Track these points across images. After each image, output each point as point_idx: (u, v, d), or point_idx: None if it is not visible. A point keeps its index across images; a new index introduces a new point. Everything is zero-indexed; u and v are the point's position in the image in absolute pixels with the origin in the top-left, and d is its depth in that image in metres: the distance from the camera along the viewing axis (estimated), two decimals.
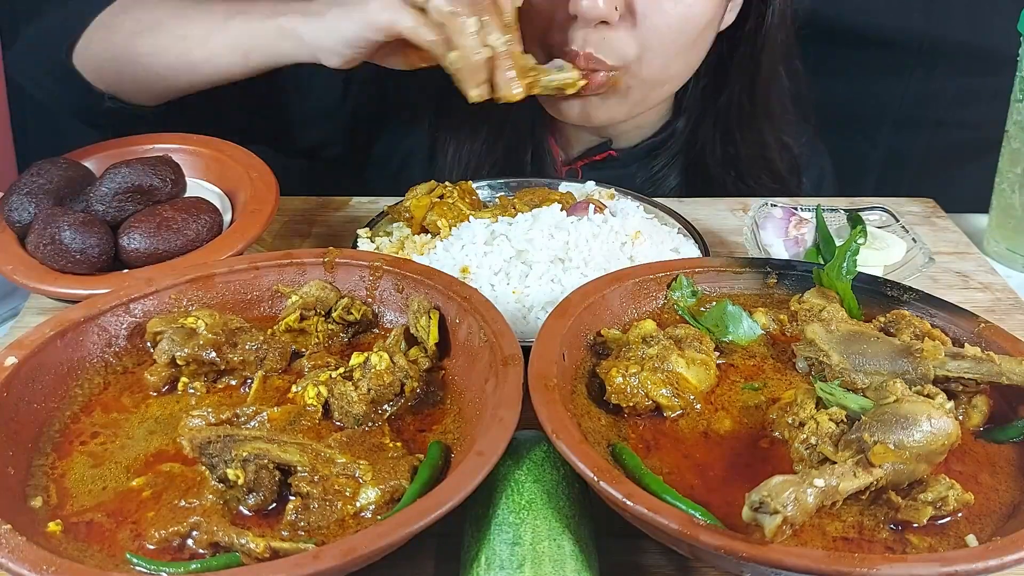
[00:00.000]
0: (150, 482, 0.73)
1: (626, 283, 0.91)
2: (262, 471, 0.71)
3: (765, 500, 0.63)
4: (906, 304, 0.90)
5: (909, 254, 1.11)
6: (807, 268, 0.94)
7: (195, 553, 0.67)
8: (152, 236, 1.03)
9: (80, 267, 1.01)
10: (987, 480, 0.74)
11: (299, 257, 0.94)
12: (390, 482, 0.71)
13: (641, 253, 1.05)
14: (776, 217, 1.14)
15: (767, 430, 0.78)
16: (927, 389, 0.76)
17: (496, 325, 0.82)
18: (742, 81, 1.35)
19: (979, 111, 1.60)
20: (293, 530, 0.69)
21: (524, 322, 0.98)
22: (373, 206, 1.30)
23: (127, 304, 0.87)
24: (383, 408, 0.81)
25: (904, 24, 1.78)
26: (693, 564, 0.77)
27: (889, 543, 0.68)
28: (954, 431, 0.70)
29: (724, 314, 0.91)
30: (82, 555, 0.67)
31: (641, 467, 0.72)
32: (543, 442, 0.77)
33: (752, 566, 0.64)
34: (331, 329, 0.90)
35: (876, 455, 0.68)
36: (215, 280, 0.92)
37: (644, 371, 0.79)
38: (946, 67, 1.80)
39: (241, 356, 0.84)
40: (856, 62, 1.80)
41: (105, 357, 0.85)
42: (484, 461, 0.68)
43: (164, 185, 1.08)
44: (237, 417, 0.77)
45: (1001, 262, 1.26)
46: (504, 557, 0.68)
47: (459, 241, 1.07)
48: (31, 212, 1.05)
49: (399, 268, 0.92)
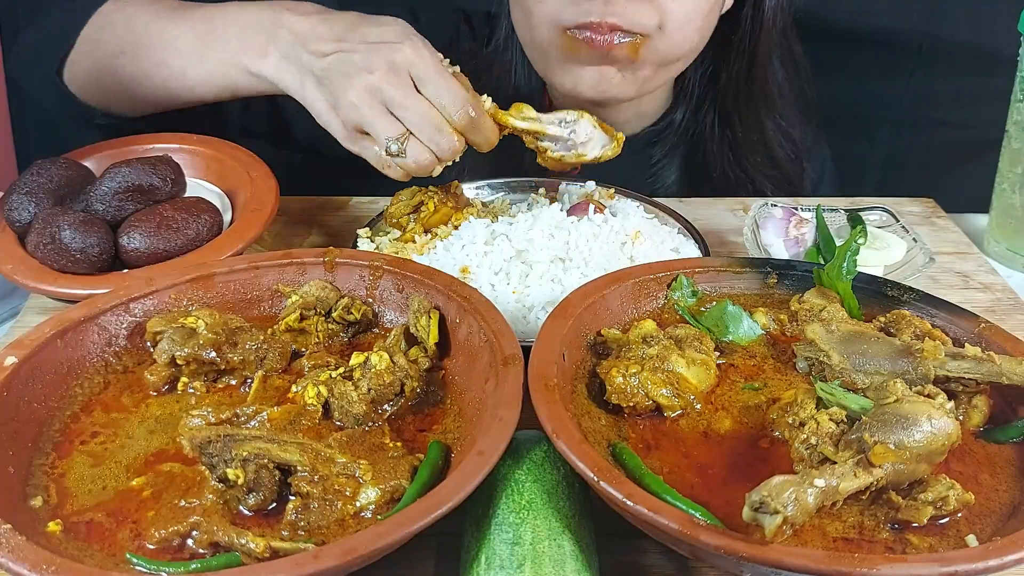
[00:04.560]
0: (150, 482, 0.73)
1: (626, 283, 0.91)
2: (262, 471, 0.71)
3: (765, 500, 0.63)
4: (906, 304, 0.90)
5: (909, 254, 1.11)
6: (807, 268, 0.94)
7: (195, 553, 0.67)
8: (152, 236, 1.03)
9: (80, 267, 1.01)
10: (987, 480, 0.74)
11: (299, 257, 0.94)
12: (390, 482, 0.71)
13: (641, 253, 1.05)
14: (776, 217, 1.14)
15: (767, 430, 0.78)
16: (927, 389, 0.76)
17: (496, 325, 0.82)
18: (740, 64, 1.36)
19: (979, 111, 1.59)
20: (293, 530, 0.68)
21: (524, 322, 0.98)
22: (373, 206, 1.30)
23: (127, 304, 0.87)
24: (383, 408, 0.81)
25: (904, 24, 1.78)
26: (693, 564, 0.77)
27: (889, 543, 0.68)
28: (954, 431, 0.70)
29: (724, 314, 0.91)
30: (82, 555, 0.67)
31: (641, 467, 0.72)
32: (543, 442, 0.77)
33: (752, 566, 0.64)
34: (331, 329, 0.90)
35: (876, 455, 0.68)
36: (215, 280, 0.92)
37: (644, 371, 0.79)
38: (946, 67, 1.80)
39: (241, 356, 0.84)
40: (856, 62, 1.80)
41: (105, 357, 0.85)
42: (484, 461, 0.68)
43: (164, 185, 1.08)
44: (237, 417, 0.77)
45: (1001, 262, 1.26)
46: (504, 557, 0.68)
47: (459, 241, 1.07)
48: (31, 212, 1.05)
49: (399, 268, 0.92)
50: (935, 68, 1.80)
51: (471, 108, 1.03)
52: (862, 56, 1.80)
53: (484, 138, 1.06)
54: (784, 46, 1.39)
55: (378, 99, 1.01)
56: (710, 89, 1.40)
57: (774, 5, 1.33)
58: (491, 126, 1.06)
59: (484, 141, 1.07)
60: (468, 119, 1.03)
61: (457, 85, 1.03)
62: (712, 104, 1.40)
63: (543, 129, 1.10)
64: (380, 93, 1.01)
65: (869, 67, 1.81)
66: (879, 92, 1.85)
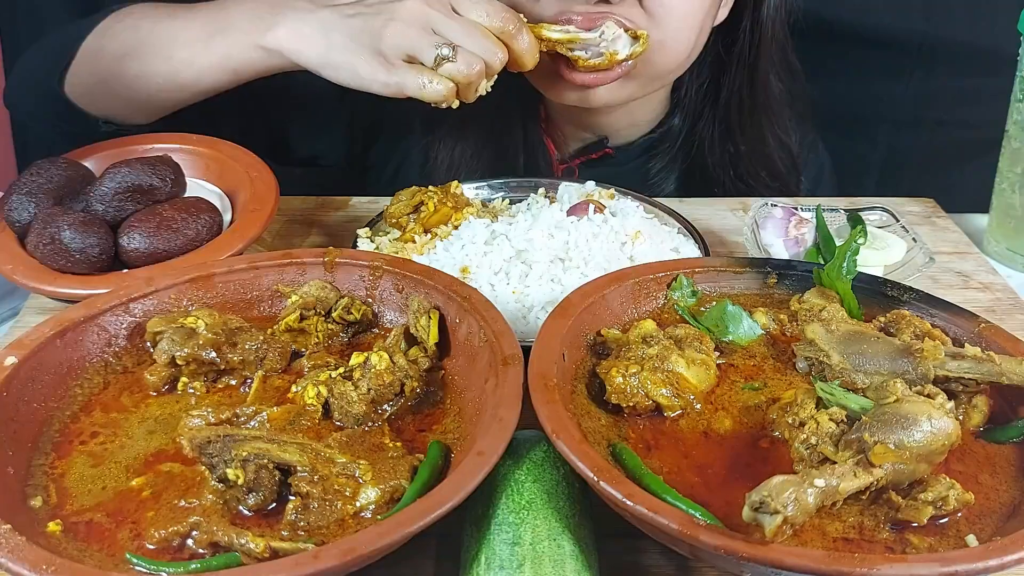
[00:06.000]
0: (150, 482, 0.73)
1: (626, 283, 0.91)
2: (262, 471, 0.71)
3: (765, 500, 0.63)
4: (906, 304, 0.90)
5: (909, 254, 1.11)
6: (807, 268, 0.94)
7: (195, 553, 0.67)
8: (152, 236, 1.03)
9: (80, 267, 1.01)
10: (987, 480, 0.74)
11: (299, 257, 0.94)
12: (390, 482, 0.71)
13: (641, 253, 1.05)
14: (776, 217, 1.14)
15: (767, 430, 0.78)
16: (927, 389, 0.76)
17: (496, 325, 0.82)
18: (741, 76, 1.36)
19: (979, 111, 1.59)
20: (293, 530, 0.68)
21: (524, 322, 0.98)
22: (373, 206, 1.30)
23: (127, 304, 0.87)
24: (383, 408, 0.81)
25: (904, 24, 1.78)
26: (693, 564, 0.77)
27: (889, 543, 0.68)
28: (954, 431, 0.70)
29: (724, 314, 0.91)
30: (82, 555, 0.67)
31: (641, 467, 0.72)
32: (543, 442, 0.77)
33: (752, 566, 0.64)
34: (331, 329, 0.90)
35: (876, 455, 0.68)
36: (215, 280, 0.92)
37: (644, 371, 0.79)
38: (946, 67, 1.79)
39: (241, 356, 0.84)
40: (856, 62, 1.80)
41: (105, 357, 0.85)
42: (484, 461, 0.68)
43: (164, 185, 1.08)
44: (237, 417, 0.77)
45: (1001, 262, 1.26)
46: (504, 557, 0.68)
47: (459, 241, 1.07)
48: (31, 212, 1.05)
49: (399, 268, 0.92)
50: (935, 68, 1.80)
51: (513, 19, 1.06)
52: (862, 56, 1.79)
53: (527, 48, 1.08)
54: (782, 55, 1.38)
55: (424, 24, 1.03)
56: (710, 102, 1.39)
57: (772, 15, 1.33)
58: (532, 38, 1.09)
59: (527, 51, 1.08)
60: (510, 29, 1.05)
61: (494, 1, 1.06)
62: (713, 116, 1.40)
63: (577, 36, 1.13)
64: (424, 18, 1.03)
65: (869, 67, 1.81)
66: (879, 92, 1.84)
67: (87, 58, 1.24)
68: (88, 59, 1.23)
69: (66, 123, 1.27)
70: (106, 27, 1.24)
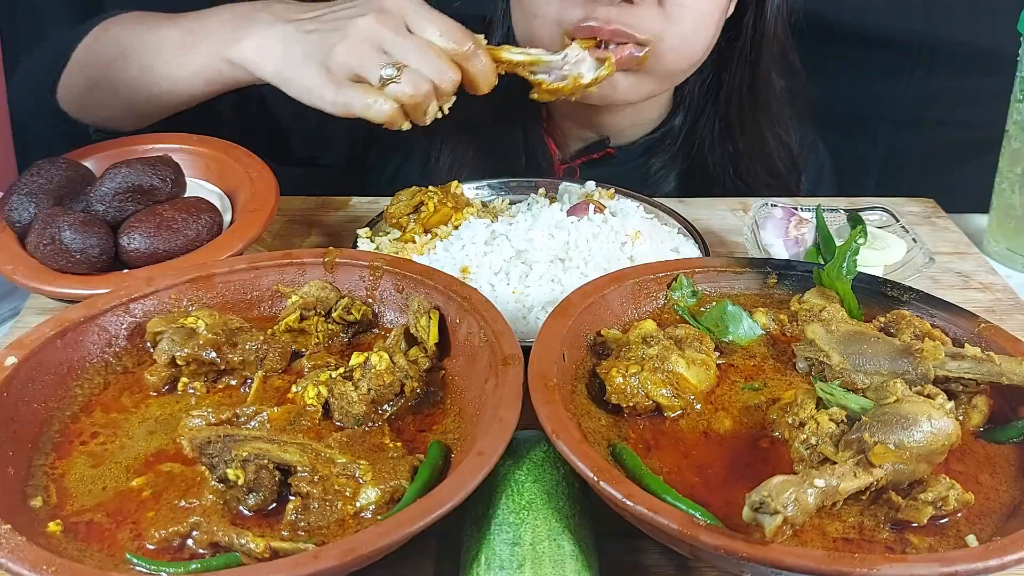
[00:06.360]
0: (150, 482, 0.73)
1: (626, 283, 0.91)
2: (262, 471, 0.71)
3: (765, 500, 0.63)
4: (906, 304, 0.90)
5: (909, 254, 1.11)
6: (807, 268, 0.94)
7: (195, 553, 0.67)
8: (152, 236, 1.03)
9: (80, 267, 1.01)
10: (987, 480, 0.74)
11: (299, 257, 0.94)
12: (390, 482, 0.71)
13: (641, 253, 1.05)
14: (776, 217, 1.14)
15: (767, 430, 0.78)
16: (927, 389, 0.76)
17: (496, 325, 0.82)
18: (742, 72, 1.36)
19: (979, 111, 1.59)
20: (293, 530, 0.68)
21: (524, 322, 0.98)
22: (373, 206, 1.30)
23: (127, 304, 0.87)
24: (383, 408, 0.81)
25: (904, 24, 1.78)
26: (693, 564, 0.77)
27: (889, 543, 0.68)
28: (954, 431, 0.70)
29: (724, 314, 0.91)
30: (82, 555, 0.67)
31: (641, 467, 0.72)
32: (543, 442, 0.77)
33: (752, 566, 0.64)
34: (331, 329, 0.90)
35: (876, 455, 0.68)
36: (215, 280, 0.92)
37: (644, 371, 0.79)
38: (946, 67, 1.80)
39: (241, 356, 0.84)
40: (856, 62, 1.80)
41: (105, 357, 0.85)
42: (484, 461, 0.68)
43: (164, 185, 1.08)
44: (237, 417, 0.77)
45: (1001, 262, 1.26)
46: (504, 557, 0.68)
47: (459, 241, 1.07)
48: (31, 212, 1.05)
49: (399, 268, 0.92)
50: (935, 68, 1.80)
51: (467, 40, 1.03)
52: (862, 56, 1.80)
53: (482, 70, 1.04)
54: (783, 53, 1.39)
55: (373, 43, 1.00)
56: (711, 99, 1.39)
57: (775, 12, 1.33)
58: (488, 60, 1.05)
59: (482, 74, 1.05)
60: (464, 50, 1.02)
61: (450, 20, 1.03)
62: (713, 114, 1.39)
63: (538, 58, 1.09)
64: (374, 37, 1.00)
65: (869, 67, 1.81)
66: (879, 92, 1.85)
67: (77, 66, 1.24)
68: (78, 67, 1.24)
69: (65, 124, 1.28)
70: (95, 36, 1.25)
